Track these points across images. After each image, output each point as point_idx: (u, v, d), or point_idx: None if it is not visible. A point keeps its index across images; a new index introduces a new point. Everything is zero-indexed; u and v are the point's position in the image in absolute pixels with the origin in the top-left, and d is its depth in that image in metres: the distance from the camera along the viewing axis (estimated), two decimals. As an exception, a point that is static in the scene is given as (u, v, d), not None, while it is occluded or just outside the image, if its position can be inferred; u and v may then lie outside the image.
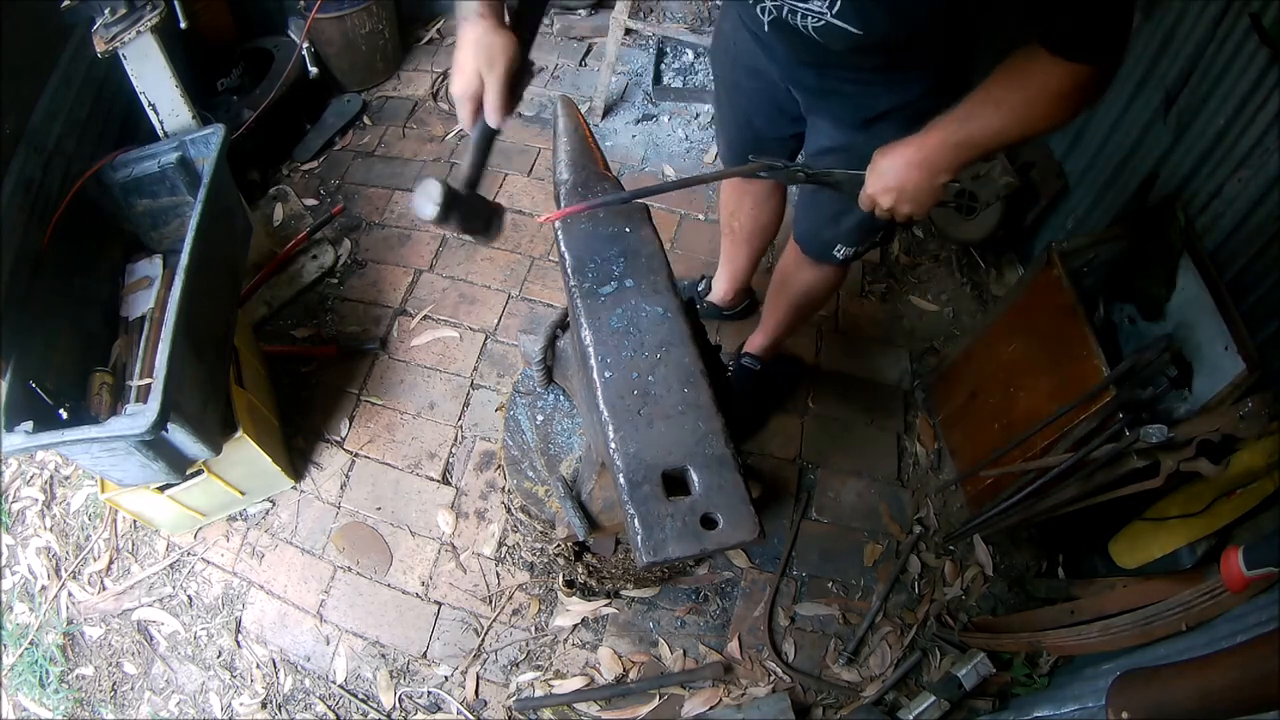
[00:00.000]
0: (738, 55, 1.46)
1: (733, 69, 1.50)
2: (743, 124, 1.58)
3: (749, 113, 1.55)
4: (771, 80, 1.40)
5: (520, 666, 1.80)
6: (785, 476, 2.04)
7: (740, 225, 1.95)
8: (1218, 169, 1.56)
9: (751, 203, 1.88)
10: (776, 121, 1.51)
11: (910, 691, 1.76)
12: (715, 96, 1.68)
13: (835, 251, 1.58)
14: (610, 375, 0.97)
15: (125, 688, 1.81)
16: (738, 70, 1.49)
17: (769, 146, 1.61)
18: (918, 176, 1.09)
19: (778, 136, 1.55)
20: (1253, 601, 1.23)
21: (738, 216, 1.93)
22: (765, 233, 1.97)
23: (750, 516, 0.87)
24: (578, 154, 1.18)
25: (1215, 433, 1.28)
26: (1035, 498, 1.62)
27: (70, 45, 1.92)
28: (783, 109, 1.46)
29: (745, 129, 1.58)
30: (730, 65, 1.50)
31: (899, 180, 1.10)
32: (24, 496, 2.06)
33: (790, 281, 1.79)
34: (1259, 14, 1.44)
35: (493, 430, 2.10)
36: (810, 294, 1.79)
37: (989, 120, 1.03)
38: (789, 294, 1.82)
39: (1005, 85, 1.01)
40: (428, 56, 3.02)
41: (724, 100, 1.61)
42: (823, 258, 1.63)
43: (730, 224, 1.98)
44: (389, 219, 2.54)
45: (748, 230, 1.95)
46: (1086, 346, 1.54)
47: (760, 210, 1.89)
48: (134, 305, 1.83)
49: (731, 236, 2.01)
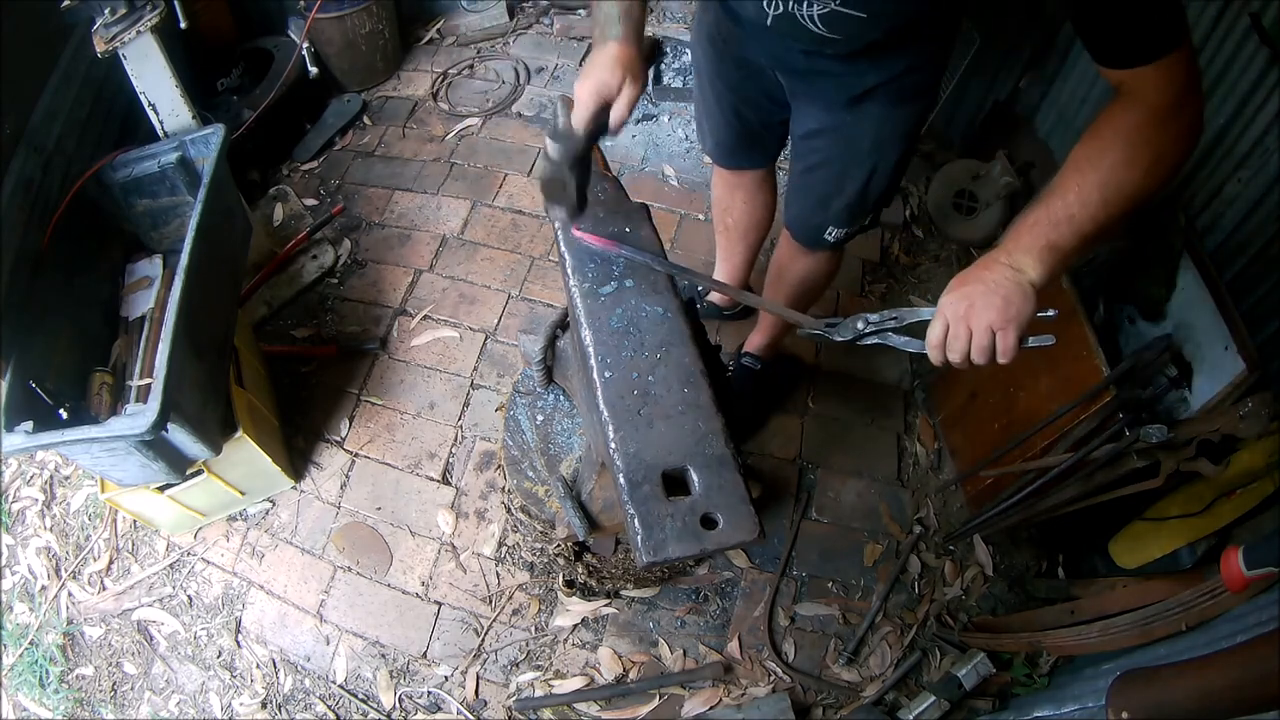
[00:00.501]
0: (724, 48, 1.46)
1: (719, 61, 1.50)
2: (730, 117, 1.59)
3: (736, 105, 1.55)
4: (759, 68, 1.41)
5: (520, 666, 1.80)
6: (785, 476, 2.04)
7: (734, 221, 1.95)
8: (1218, 169, 1.56)
9: (743, 197, 1.88)
10: (764, 109, 1.52)
11: (910, 691, 1.76)
12: (697, 93, 1.67)
13: (827, 234, 1.58)
14: (610, 375, 0.97)
15: (125, 688, 1.81)
16: (725, 62, 1.49)
17: (758, 137, 1.63)
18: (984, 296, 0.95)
19: (766, 125, 1.57)
20: (1253, 601, 1.23)
21: (730, 213, 1.93)
22: (759, 227, 1.97)
23: (750, 516, 0.87)
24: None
25: (1215, 433, 1.28)
26: (1035, 498, 1.62)
27: (70, 45, 1.92)
28: (771, 96, 1.47)
29: (734, 121, 1.60)
30: (716, 58, 1.51)
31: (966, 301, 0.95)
32: (24, 496, 2.06)
33: (786, 272, 1.79)
34: (1259, 14, 1.44)
35: (493, 430, 2.10)
36: (807, 282, 1.79)
37: (1070, 207, 0.90)
38: (786, 285, 1.82)
39: (1080, 164, 0.90)
40: (428, 56, 3.02)
41: (708, 94, 1.61)
42: (816, 243, 1.63)
43: (724, 220, 1.98)
44: (389, 219, 2.54)
45: (742, 226, 1.95)
46: (1086, 346, 1.54)
47: (752, 204, 1.89)
48: (134, 305, 1.83)
49: (726, 234, 2.01)
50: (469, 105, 2.85)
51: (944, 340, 0.95)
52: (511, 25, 3.08)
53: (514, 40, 3.07)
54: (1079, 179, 0.90)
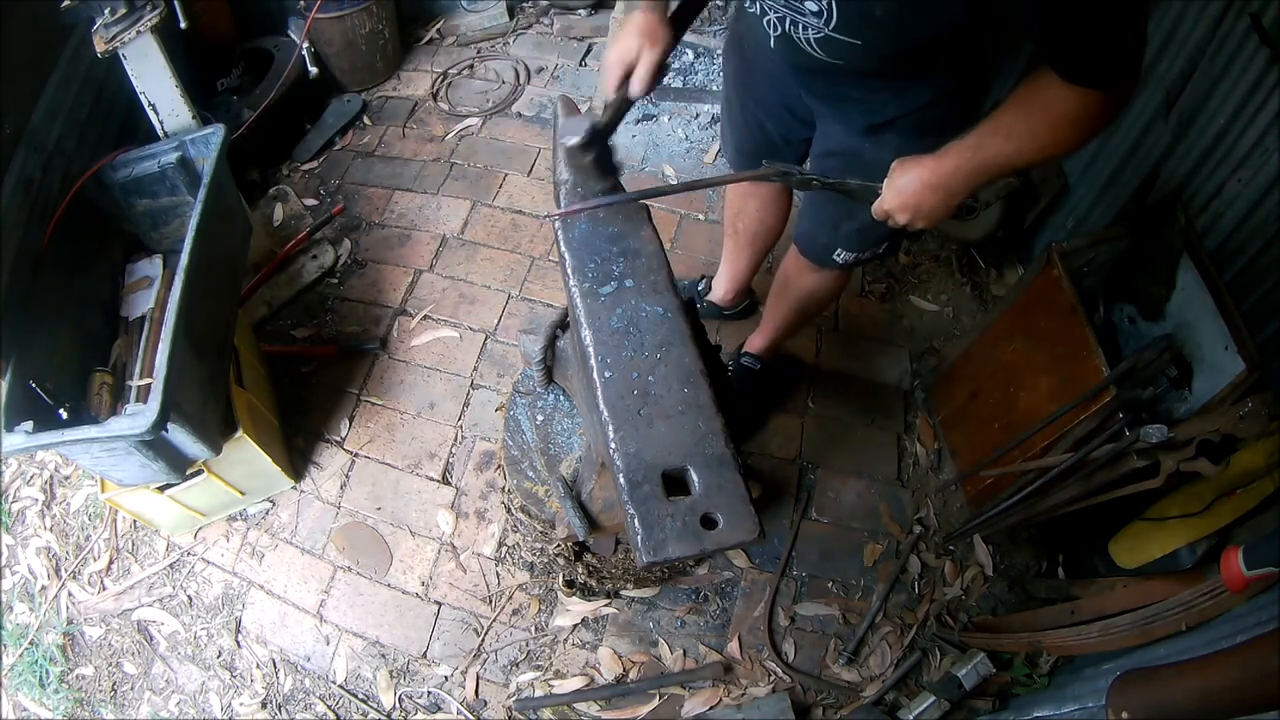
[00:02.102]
0: (753, 59, 1.46)
1: (747, 72, 1.50)
2: (754, 127, 1.58)
3: (760, 117, 1.54)
4: (784, 83, 1.41)
5: (520, 666, 1.80)
6: (785, 476, 2.04)
7: (745, 227, 1.95)
8: (1218, 169, 1.56)
9: (757, 205, 1.88)
10: (788, 125, 1.51)
11: (910, 691, 1.76)
12: (724, 99, 1.67)
13: (835, 256, 1.58)
14: (610, 375, 0.97)
15: (125, 688, 1.81)
16: (753, 73, 1.49)
17: (779, 151, 1.61)
18: (933, 198, 1.11)
19: (788, 140, 1.55)
20: (1253, 601, 1.23)
21: (743, 218, 1.93)
22: (769, 235, 1.97)
23: (750, 516, 0.87)
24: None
25: (1215, 433, 1.28)
26: (1035, 498, 1.62)
27: (70, 45, 1.92)
28: (794, 112, 1.46)
29: (756, 132, 1.58)
30: (744, 69, 1.51)
31: (916, 199, 1.13)
32: (24, 496, 2.06)
33: (791, 285, 1.79)
34: (1259, 14, 1.44)
35: (493, 430, 2.10)
36: (811, 298, 1.79)
37: (1003, 147, 1.04)
38: (790, 297, 1.82)
39: (1018, 112, 1.02)
40: (428, 56, 3.02)
41: (734, 103, 1.60)
42: (822, 262, 1.62)
43: (735, 225, 1.97)
44: (389, 219, 2.54)
45: (752, 232, 1.95)
46: (1086, 346, 1.54)
47: (766, 213, 1.89)
48: (134, 305, 1.83)
49: (735, 238, 2.01)
50: (469, 105, 2.85)
51: (886, 217, 1.17)
52: (511, 25, 3.08)
53: (514, 40, 3.07)
54: (1013, 129, 1.03)
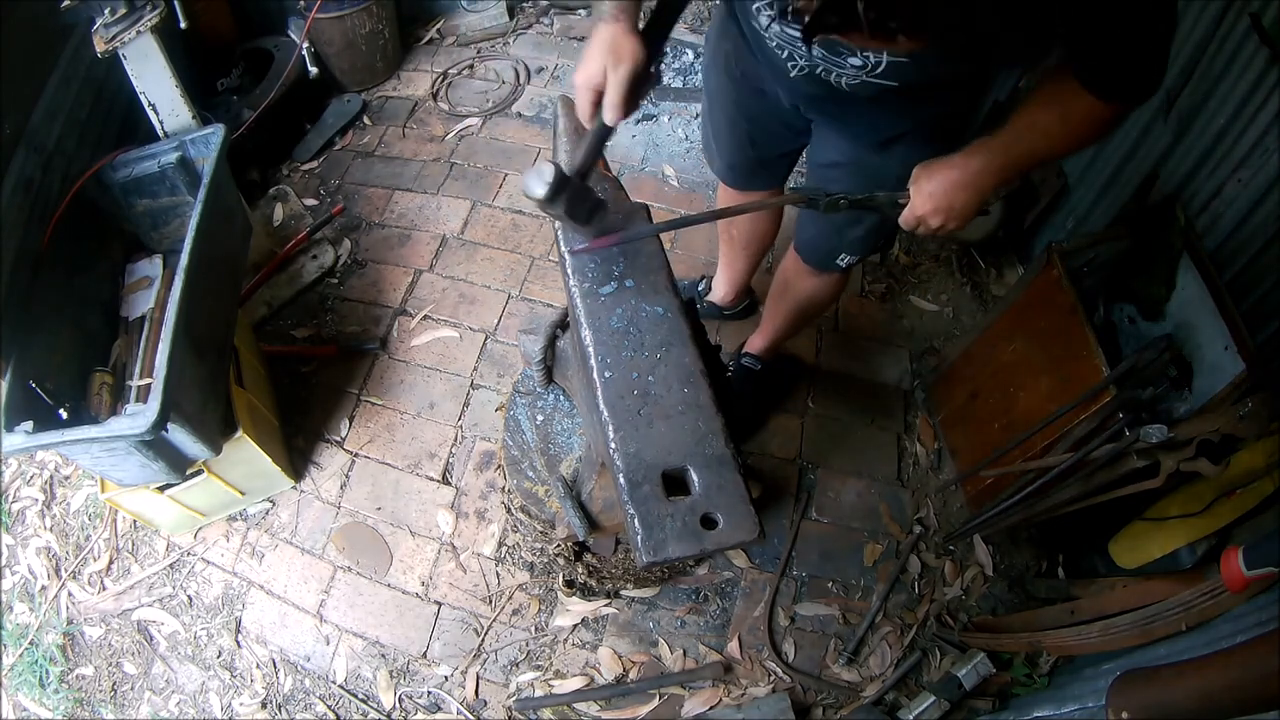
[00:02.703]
0: (741, 77, 1.42)
1: (734, 89, 1.46)
2: (744, 144, 1.56)
3: (751, 133, 1.53)
4: (777, 98, 1.39)
5: (520, 666, 1.80)
6: (785, 476, 2.04)
7: (738, 233, 1.95)
8: (1218, 169, 1.56)
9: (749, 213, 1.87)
10: (780, 138, 1.50)
11: (910, 691, 1.76)
12: (708, 115, 1.62)
13: (839, 260, 1.58)
14: (610, 375, 0.97)
15: (125, 688, 1.81)
16: (741, 90, 1.45)
17: (771, 163, 1.61)
18: (965, 197, 1.12)
19: (780, 152, 1.55)
20: (1253, 601, 1.23)
21: (735, 224, 1.93)
22: (763, 240, 1.97)
23: (750, 516, 0.87)
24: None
25: (1215, 433, 1.28)
26: (1035, 498, 1.62)
27: (70, 45, 1.92)
28: (788, 125, 1.45)
29: (747, 148, 1.57)
30: (730, 86, 1.47)
31: (948, 200, 1.12)
32: (24, 496, 2.06)
33: (791, 288, 1.78)
34: (1259, 14, 1.44)
35: (493, 430, 2.10)
36: (811, 301, 1.79)
37: (1031, 145, 1.07)
38: (789, 300, 1.82)
39: (1046, 113, 1.04)
40: (428, 56, 3.02)
41: (721, 120, 1.57)
42: (825, 267, 1.63)
43: (728, 230, 1.97)
44: (389, 219, 2.54)
45: (745, 237, 1.95)
46: (1086, 346, 1.54)
47: (758, 220, 1.89)
48: (134, 305, 1.83)
49: (730, 243, 2.01)
50: (469, 105, 2.85)
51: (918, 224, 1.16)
52: (511, 25, 3.08)
53: (514, 40, 3.07)
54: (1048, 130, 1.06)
